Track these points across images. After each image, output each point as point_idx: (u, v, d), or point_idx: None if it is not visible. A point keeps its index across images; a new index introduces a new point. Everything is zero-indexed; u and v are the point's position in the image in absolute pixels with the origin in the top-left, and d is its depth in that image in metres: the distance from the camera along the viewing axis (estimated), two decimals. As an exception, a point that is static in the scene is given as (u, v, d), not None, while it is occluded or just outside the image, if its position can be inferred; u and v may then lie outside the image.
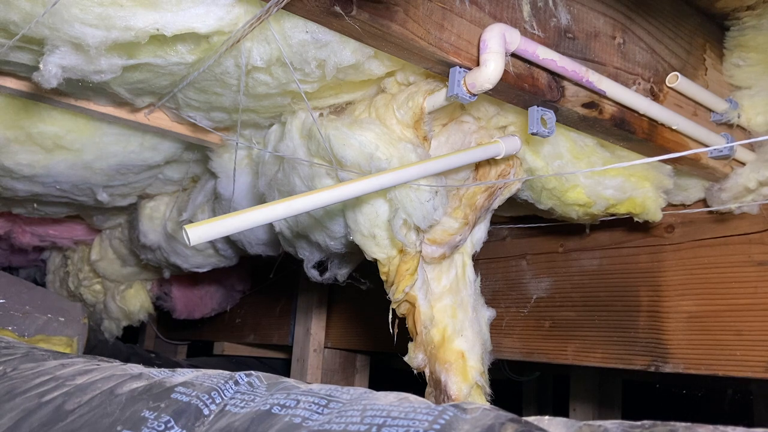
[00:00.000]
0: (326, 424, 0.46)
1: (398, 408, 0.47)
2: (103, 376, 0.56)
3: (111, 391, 0.53)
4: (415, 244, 0.98)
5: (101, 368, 0.59)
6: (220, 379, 0.54)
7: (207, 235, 0.72)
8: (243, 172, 1.26)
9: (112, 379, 0.56)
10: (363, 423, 0.45)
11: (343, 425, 0.45)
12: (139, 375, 0.56)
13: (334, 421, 0.46)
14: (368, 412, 0.47)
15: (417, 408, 0.47)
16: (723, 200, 1.16)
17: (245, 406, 0.50)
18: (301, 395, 0.50)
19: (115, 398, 0.52)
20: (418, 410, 0.46)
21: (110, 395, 0.52)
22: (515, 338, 1.49)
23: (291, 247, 1.27)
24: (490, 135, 1.04)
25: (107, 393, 0.53)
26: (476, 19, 0.81)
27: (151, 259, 1.82)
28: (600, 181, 1.10)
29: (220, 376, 0.55)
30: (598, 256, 1.39)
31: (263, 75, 0.92)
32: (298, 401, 0.49)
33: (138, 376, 0.56)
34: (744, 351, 1.13)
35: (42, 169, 1.28)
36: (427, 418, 0.45)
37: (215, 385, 0.53)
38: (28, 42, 0.84)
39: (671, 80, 1.02)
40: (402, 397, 0.49)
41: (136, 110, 1.12)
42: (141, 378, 0.55)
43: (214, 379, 0.54)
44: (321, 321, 2.06)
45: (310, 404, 0.49)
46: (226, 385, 0.53)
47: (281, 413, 0.48)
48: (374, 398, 0.49)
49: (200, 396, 0.51)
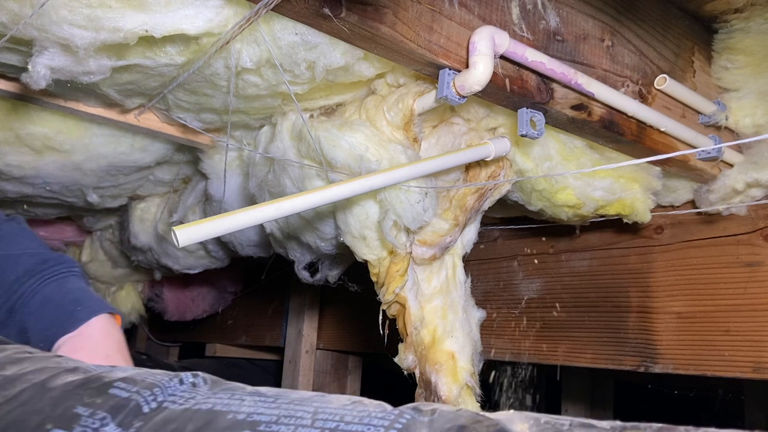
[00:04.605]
0: (273, 424, 0.43)
1: (352, 412, 0.45)
2: (36, 368, 0.52)
3: (42, 385, 0.49)
4: (405, 245, 0.98)
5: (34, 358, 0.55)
6: (163, 377, 0.51)
7: (196, 236, 0.72)
8: (234, 174, 1.26)
9: (45, 371, 0.51)
10: (314, 427, 0.43)
11: (292, 428, 0.43)
12: (75, 369, 0.52)
13: (283, 422, 0.44)
14: (320, 415, 0.44)
15: (372, 412, 0.45)
16: (711, 201, 1.17)
17: (185, 404, 0.47)
18: (246, 395, 0.48)
19: (46, 393, 0.48)
20: (373, 414, 0.44)
21: (42, 389, 0.48)
22: (506, 339, 1.49)
23: (282, 248, 1.27)
24: (480, 136, 1.05)
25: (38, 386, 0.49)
26: (465, 21, 0.82)
27: (142, 260, 1.81)
28: (589, 183, 1.11)
29: (164, 374, 0.52)
30: (588, 257, 1.40)
31: (253, 76, 0.92)
32: (243, 400, 0.47)
33: (73, 370, 0.52)
34: (732, 351, 1.14)
35: (31, 170, 1.28)
36: (382, 422, 0.43)
37: (158, 382, 0.50)
38: (17, 43, 0.84)
39: (660, 82, 1.02)
40: (356, 401, 0.47)
41: (126, 111, 1.12)
42: (77, 372, 0.52)
43: (157, 376, 0.51)
44: (313, 322, 2.06)
45: (256, 402, 0.47)
46: (170, 383, 0.50)
47: (224, 410, 0.46)
48: (326, 401, 0.47)
49: (141, 392, 0.48)
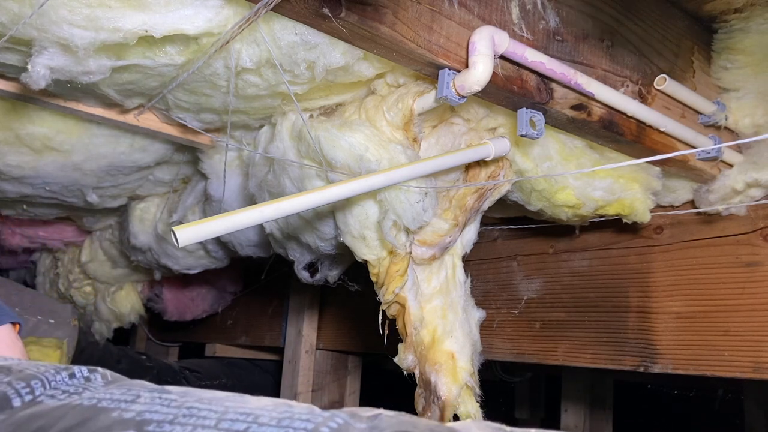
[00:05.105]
0: (166, 423, 0.38)
1: (270, 413, 0.39)
2: None
3: None
4: (405, 245, 0.98)
5: None
6: (49, 369, 0.46)
7: (196, 236, 0.72)
8: (233, 174, 1.26)
9: None
10: (217, 428, 0.37)
11: (189, 428, 0.37)
12: None
13: (179, 422, 0.38)
14: (229, 415, 0.39)
15: (294, 413, 0.39)
16: (711, 202, 1.17)
17: (65, 399, 0.42)
18: (146, 392, 0.43)
19: None
20: (296, 416, 0.39)
21: None
22: (506, 339, 1.49)
23: (282, 248, 1.27)
24: (479, 136, 1.05)
25: None
26: (465, 21, 0.82)
27: (141, 260, 1.81)
28: (589, 183, 1.11)
29: (54, 367, 0.47)
30: (587, 257, 1.40)
31: (253, 76, 0.92)
32: (138, 397, 0.42)
33: None
34: (732, 351, 1.14)
35: (31, 170, 1.28)
36: (305, 426, 0.37)
37: (39, 374, 0.45)
38: (17, 43, 0.83)
39: (659, 83, 1.02)
40: (280, 403, 0.42)
41: (126, 111, 1.11)
42: None
43: (41, 368, 0.46)
44: (313, 322, 2.06)
45: (154, 399, 0.41)
46: (56, 376, 0.45)
47: (110, 406, 0.40)
48: (242, 401, 0.42)
49: (14, 383, 0.43)
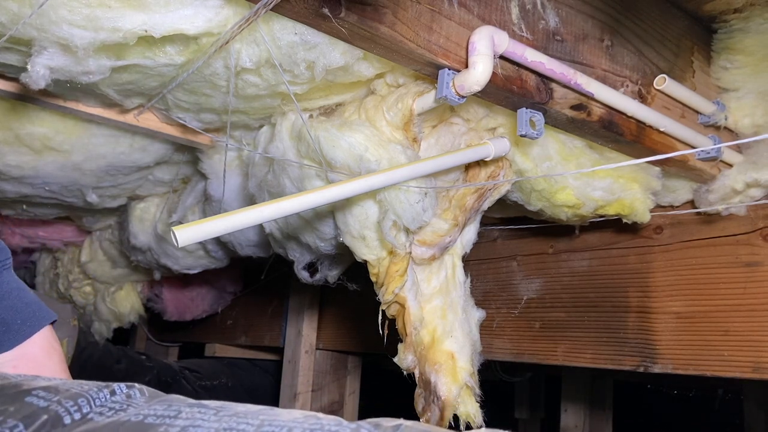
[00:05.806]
0: None
1: (302, 424, 0.42)
2: None
3: None
4: (404, 245, 0.98)
5: None
6: (92, 387, 0.48)
7: (195, 236, 0.72)
8: (233, 174, 1.26)
9: None
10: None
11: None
12: None
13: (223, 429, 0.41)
14: (265, 428, 0.41)
15: (324, 425, 0.42)
16: (711, 201, 1.17)
17: (113, 416, 0.44)
18: (185, 407, 0.45)
19: None
20: (326, 428, 0.42)
21: None
22: (506, 339, 1.49)
23: (281, 248, 1.27)
24: (479, 136, 1.05)
25: None
26: (465, 21, 0.82)
27: (141, 260, 1.81)
28: (589, 183, 1.11)
29: (95, 384, 0.49)
30: (587, 257, 1.40)
31: (253, 76, 0.92)
32: (180, 412, 0.44)
33: None
34: (732, 351, 1.14)
35: (31, 170, 1.28)
36: None
37: (84, 393, 0.46)
38: (16, 43, 0.83)
39: (659, 82, 1.02)
40: (309, 415, 0.45)
41: (126, 111, 1.11)
42: None
43: (85, 386, 0.48)
44: (312, 322, 2.06)
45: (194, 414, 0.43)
46: (99, 394, 0.47)
47: (156, 422, 0.42)
48: (275, 414, 0.44)
49: (63, 402, 0.44)
